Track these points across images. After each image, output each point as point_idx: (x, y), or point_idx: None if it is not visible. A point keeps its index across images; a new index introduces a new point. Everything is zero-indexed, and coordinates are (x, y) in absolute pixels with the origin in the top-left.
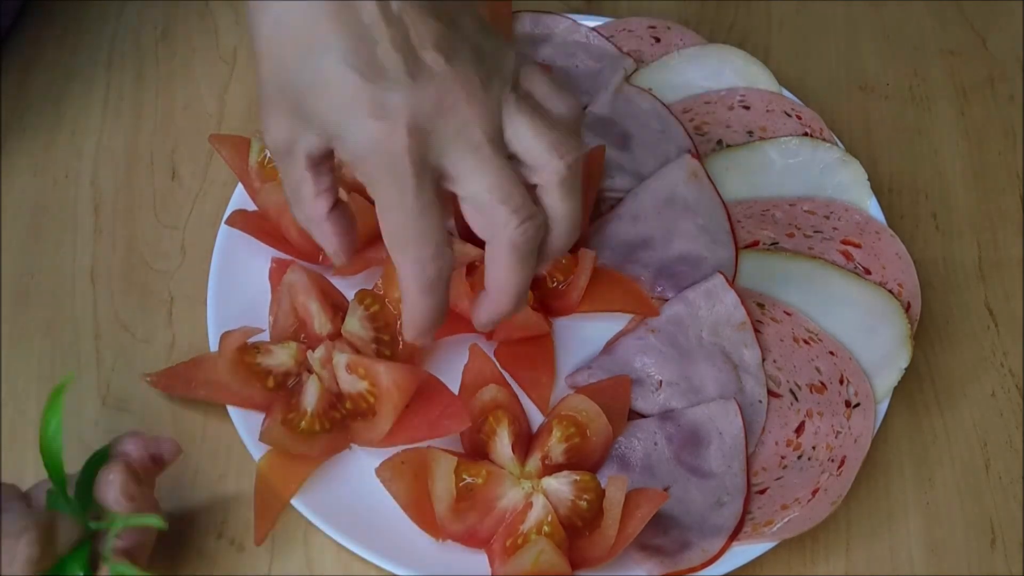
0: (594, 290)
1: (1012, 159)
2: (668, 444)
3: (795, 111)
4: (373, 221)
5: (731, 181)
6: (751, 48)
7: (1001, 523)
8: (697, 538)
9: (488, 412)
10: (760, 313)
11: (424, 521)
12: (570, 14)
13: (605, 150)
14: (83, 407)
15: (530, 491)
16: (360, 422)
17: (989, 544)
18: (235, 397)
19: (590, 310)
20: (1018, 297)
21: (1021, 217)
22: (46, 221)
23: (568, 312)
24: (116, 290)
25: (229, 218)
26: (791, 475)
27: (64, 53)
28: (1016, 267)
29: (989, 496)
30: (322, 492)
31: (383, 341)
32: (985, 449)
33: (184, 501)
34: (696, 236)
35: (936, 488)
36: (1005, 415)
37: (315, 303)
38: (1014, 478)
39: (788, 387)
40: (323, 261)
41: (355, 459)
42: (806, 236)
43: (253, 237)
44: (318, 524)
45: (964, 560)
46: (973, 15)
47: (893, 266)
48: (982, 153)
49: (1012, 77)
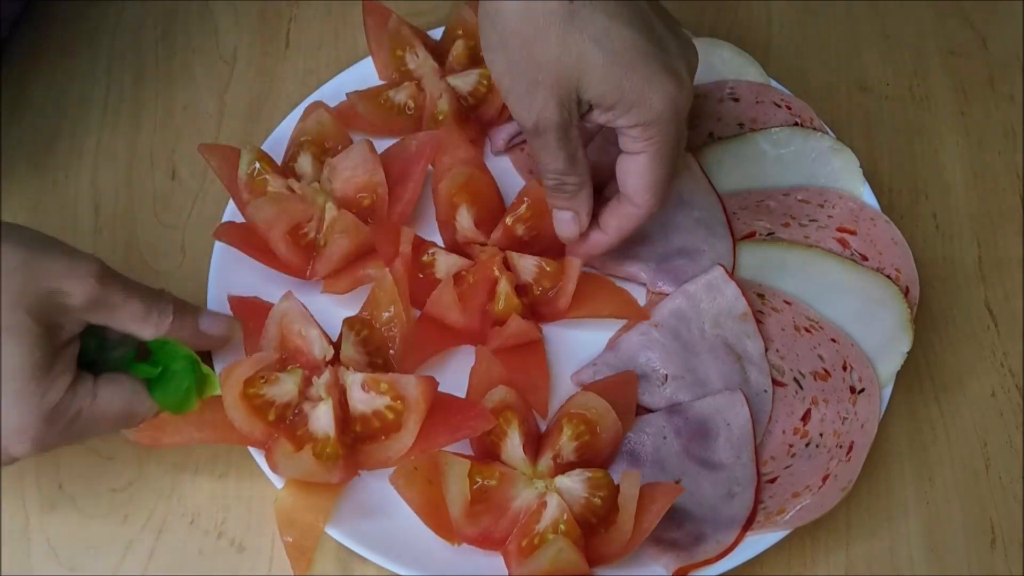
0: (582, 295)
1: (1012, 159)
2: (677, 437)
3: (784, 101)
4: (362, 238)
5: (724, 173)
6: (751, 48)
7: (1001, 523)
8: (711, 530)
9: (498, 414)
10: (760, 303)
11: (439, 526)
12: None
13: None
14: None
15: (543, 490)
16: (371, 444)
17: (989, 544)
18: (233, 435)
19: (579, 315)
20: (1018, 297)
21: (1021, 217)
22: (46, 221)
23: (558, 318)
24: None
25: (217, 231)
26: (800, 463)
27: (64, 53)
28: (1016, 267)
29: (989, 496)
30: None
31: (377, 364)
32: (985, 449)
33: (184, 500)
34: (693, 229)
35: (936, 488)
36: (1005, 415)
37: (314, 329)
38: (1014, 478)
39: (792, 376)
40: (310, 276)
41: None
42: (801, 225)
43: (240, 251)
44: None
45: (964, 560)
46: (973, 15)
47: (890, 252)
48: (982, 153)
49: (1012, 77)
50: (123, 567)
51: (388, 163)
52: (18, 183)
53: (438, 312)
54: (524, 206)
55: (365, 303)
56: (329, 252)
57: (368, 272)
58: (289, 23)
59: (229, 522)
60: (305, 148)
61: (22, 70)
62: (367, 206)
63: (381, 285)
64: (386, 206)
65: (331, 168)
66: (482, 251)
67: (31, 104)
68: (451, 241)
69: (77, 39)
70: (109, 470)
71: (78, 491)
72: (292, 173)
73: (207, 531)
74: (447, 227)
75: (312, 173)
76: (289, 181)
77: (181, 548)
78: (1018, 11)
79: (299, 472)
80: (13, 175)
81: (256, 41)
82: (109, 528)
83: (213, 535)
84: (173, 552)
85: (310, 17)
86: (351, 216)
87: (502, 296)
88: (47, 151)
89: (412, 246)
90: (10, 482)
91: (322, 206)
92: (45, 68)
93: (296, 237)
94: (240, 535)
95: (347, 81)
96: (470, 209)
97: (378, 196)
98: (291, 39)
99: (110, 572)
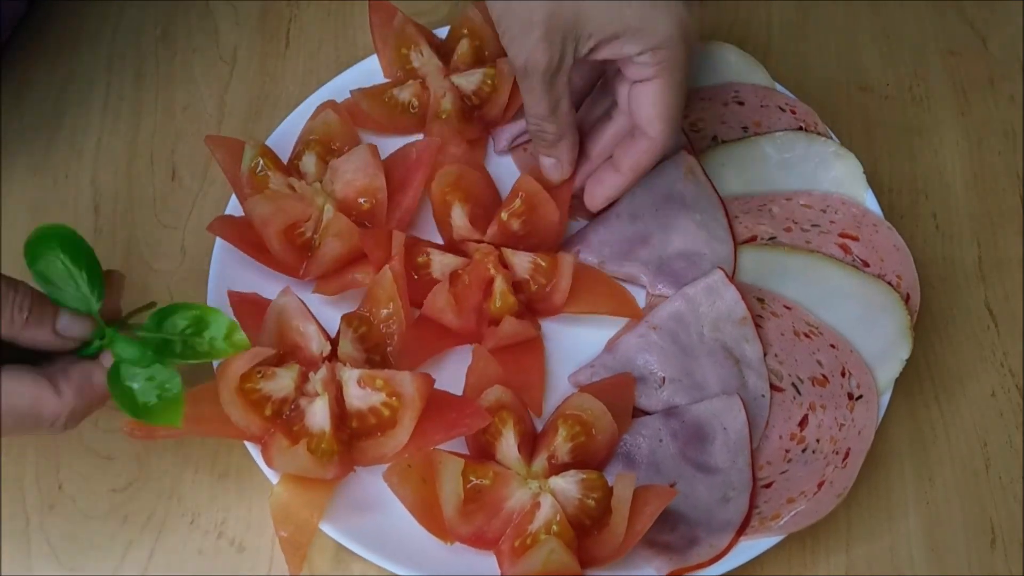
0: (578, 291)
1: (1012, 159)
2: (673, 441)
3: (789, 106)
4: (356, 242)
5: (727, 177)
6: (751, 48)
7: (1001, 523)
8: (705, 534)
9: (493, 413)
10: (760, 308)
11: (432, 524)
12: None
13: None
14: None
15: (537, 491)
16: (367, 440)
17: (989, 544)
18: (230, 430)
19: (576, 311)
20: (1018, 297)
21: (1021, 217)
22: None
23: (555, 313)
24: None
25: (211, 224)
26: (796, 468)
27: (64, 53)
28: (1016, 267)
29: (989, 496)
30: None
31: (375, 361)
32: (985, 449)
33: (184, 500)
34: (694, 232)
35: (936, 488)
36: (1005, 415)
37: (312, 325)
38: (1014, 478)
39: (790, 381)
40: (303, 276)
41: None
42: (803, 230)
43: (233, 246)
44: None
45: (964, 560)
46: (973, 15)
47: (891, 258)
48: (982, 153)
49: (1012, 77)
50: (123, 567)
51: (390, 169)
52: (18, 183)
53: (434, 314)
54: (518, 200)
55: (364, 300)
56: (322, 254)
57: (357, 277)
58: (289, 23)
59: (229, 522)
60: (311, 147)
61: (22, 70)
62: (367, 210)
63: (380, 282)
64: (385, 211)
65: (333, 170)
66: (476, 250)
67: (31, 104)
68: (450, 240)
69: (77, 39)
70: (109, 470)
71: (78, 491)
72: (296, 171)
73: (207, 531)
74: (444, 226)
75: (315, 173)
76: (291, 179)
77: (181, 548)
78: (1018, 11)
79: (294, 467)
80: (13, 175)
81: (256, 41)
82: (109, 528)
83: (213, 535)
84: (173, 552)
85: (310, 17)
86: (346, 220)
87: (498, 295)
88: (47, 151)
89: (407, 247)
90: (10, 482)
91: (321, 207)
92: (45, 68)
93: (292, 236)
94: (240, 535)
95: (351, 79)
96: (463, 206)
97: (378, 201)
98: (291, 39)
99: (110, 572)
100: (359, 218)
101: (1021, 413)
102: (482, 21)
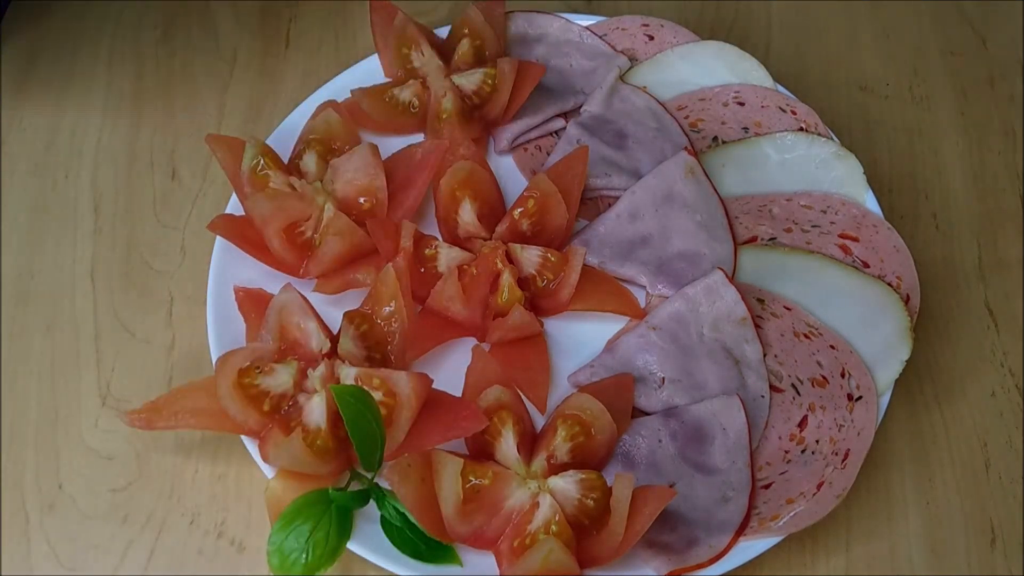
0: (584, 290)
1: (1012, 159)
2: (672, 441)
3: (790, 106)
4: (356, 241)
5: (728, 177)
6: (751, 48)
7: (1001, 523)
8: (704, 534)
9: (492, 413)
10: (760, 308)
11: (431, 523)
12: (564, 13)
13: (589, 150)
14: (83, 407)
15: (536, 491)
16: None
17: (989, 544)
18: (228, 423)
19: (581, 308)
20: (1018, 297)
21: (1021, 217)
22: (46, 221)
23: (559, 311)
24: (116, 290)
25: (212, 223)
26: (795, 469)
27: (64, 53)
28: (1016, 267)
29: (989, 496)
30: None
31: (375, 359)
32: (985, 449)
33: (184, 500)
34: (695, 233)
35: (936, 488)
36: (1005, 415)
37: (312, 322)
38: (1014, 478)
39: (790, 381)
40: (303, 274)
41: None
42: (804, 231)
43: (234, 244)
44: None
45: (964, 560)
46: (973, 15)
47: (891, 259)
48: (982, 153)
49: (1012, 77)
50: (123, 567)
51: (392, 168)
52: (18, 183)
53: (441, 304)
54: (532, 201)
55: (366, 297)
56: (322, 252)
57: (358, 277)
58: (289, 23)
59: (229, 522)
60: (312, 146)
61: (22, 70)
62: (367, 209)
63: (383, 280)
64: (385, 210)
65: (334, 169)
66: (484, 245)
67: (31, 104)
68: (451, 237)
69: (77, 39)
70: (109, 470)
71: (78, 491)
72: (297, 170)
73: (207, 531)
74: (447, 223)
75: (316, 172)
76: (292, 178)
77: (181, 548)
78: (1018, 11)
79: (290, 461)
80: (13, 175)
81: (256, 41)
82: (109, 528)
83: (213, 535)
84: (173, 552)
85: (310, 17)
86: (346, 219)
87: (505, 288)
88: (47, 151)
89: (413, 240)
90: (10, 482)
91: (321, 206)
92: (45, 68)
93: (292, 235)
94: (240, 535)
95: (351, 79)
96: (472, 203)
97: (378, 200)
98: (291, 39)
99: (110, 572)
100: (359, 217)
101: (1021, 413)
102: (483, 21)
